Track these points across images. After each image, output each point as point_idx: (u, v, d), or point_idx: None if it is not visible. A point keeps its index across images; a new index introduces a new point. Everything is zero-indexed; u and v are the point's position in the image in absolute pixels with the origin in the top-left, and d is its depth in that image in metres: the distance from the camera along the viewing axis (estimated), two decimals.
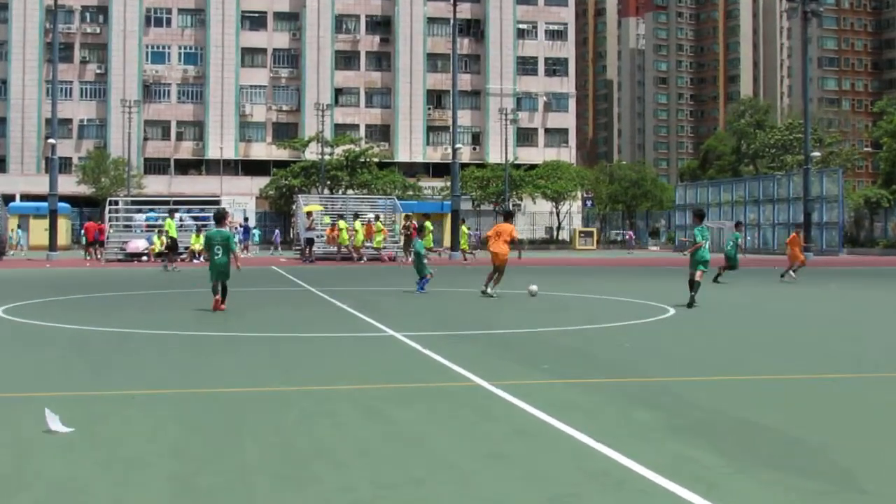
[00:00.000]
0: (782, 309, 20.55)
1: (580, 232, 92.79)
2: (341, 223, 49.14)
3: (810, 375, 10.88)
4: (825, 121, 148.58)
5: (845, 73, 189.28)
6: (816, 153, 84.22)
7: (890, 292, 26.88)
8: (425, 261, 25.25)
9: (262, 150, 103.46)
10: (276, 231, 75.38)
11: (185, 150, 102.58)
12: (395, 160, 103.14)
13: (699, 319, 17.93)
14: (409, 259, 48.56)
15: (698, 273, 20.56)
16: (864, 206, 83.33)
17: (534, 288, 23.21)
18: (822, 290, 27.20)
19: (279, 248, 67.04)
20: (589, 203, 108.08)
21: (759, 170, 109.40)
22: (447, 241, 59.93)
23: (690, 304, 19.94)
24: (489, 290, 23.11)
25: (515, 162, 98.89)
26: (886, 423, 8.25)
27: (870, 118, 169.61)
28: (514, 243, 23.89)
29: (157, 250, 46.71)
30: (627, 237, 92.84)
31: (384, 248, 50.10)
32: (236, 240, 56.15)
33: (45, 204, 61.04)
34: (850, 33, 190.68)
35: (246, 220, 66.14)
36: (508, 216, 24.86)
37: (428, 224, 47.54)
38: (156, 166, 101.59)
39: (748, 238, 77.16)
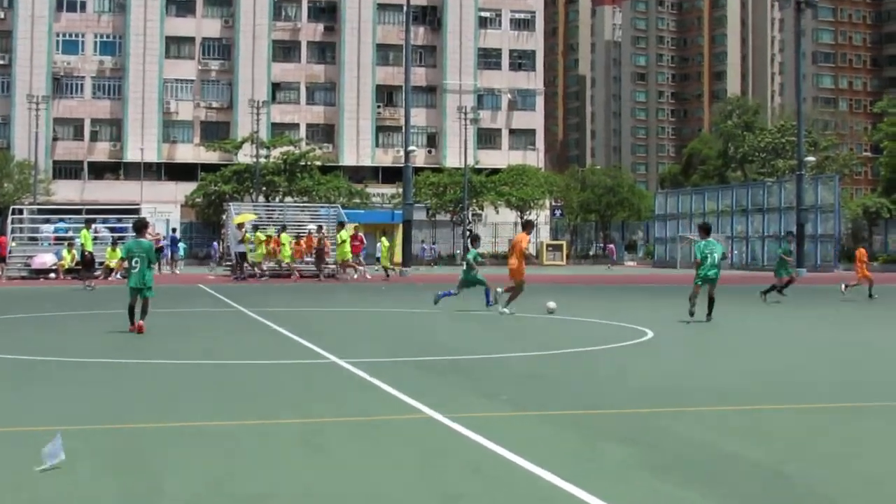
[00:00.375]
0: (768, 332, 20.77)
1: (548, 245, 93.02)
2: (257, 236, 48.64)
3: (796, 405, 11.01)
4: (820, 122, 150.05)
5: (842, 69, 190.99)
6: (810, 158, 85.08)
7: (883, 315, 27.20)
8: (475, 273, 26.35)
9: (189, 153, 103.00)
10: (214, 244, 74.88)
11: (101, 152, 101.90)
12: (340, 164, 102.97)
13: (679, 344, 18.09)
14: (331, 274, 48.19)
15: (694, 287, 22.52)
16: (863, 217, 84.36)
17: (552, 305, 24.32)
18: (816, 311, 27.50)
19: (215, 264, 66.45)
20: (558, 213, 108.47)
21: (748, 176, 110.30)
22: (397, 257, 59.87)
23: (708, 317, 22.23)
24: (503, 309, 24.19)
25: (476, 166, 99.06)
26: (876, 457, 8.38)
27: (869, 119, 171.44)
28: (527, 258, 25.77)
29: (66, 266, 46.26)
30: (608, 251, 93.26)
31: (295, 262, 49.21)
32: (164, 254, 55.60)
33: None
34: (847, 26, 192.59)
35: (174, 230, 65.74)
36: (525, 226, 26.42)
37: (343, 234, 46.67)
38: (67, 170, 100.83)
39: (734, 252, 77.82)
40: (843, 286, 32.88)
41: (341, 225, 48.11)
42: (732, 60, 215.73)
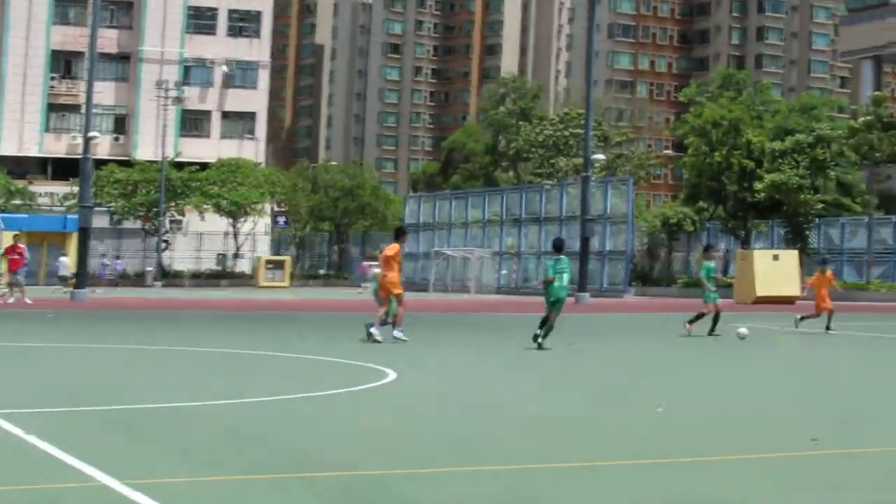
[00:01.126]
0: (538, 373, 21.33)
1: (267, 262, 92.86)
2: None
3: (573, 464, 11.30)
4: (614, 111, 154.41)
5: (644, 46, 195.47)
6: (600, 156, 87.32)
7: (678, 352, 28.30)
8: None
9: None
10: None
11: None
12: None
13: (427, 387, 18.41)
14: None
15: (552, 316, 25.27)
16: (661, 230, 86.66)
17: (743, 331, 27.80)
18: (604, 347, 28.39)
19: None
20: (281, 221, 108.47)
21: (522, 177, 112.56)
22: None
23: (536, 341, 24.93)
24: (396, 334, 26.77)
25: (177, 159, 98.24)
26: None
27: (673, 109, 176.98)
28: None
29: None
30: (360, 269, 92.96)
31: None
32: None
33: None
34: None
35: None
36: (398, 234, 28.65)
37: None
38: None
39: (503, 271, 79.40)
40: (798, 317, 34.20)
41: None
42: (510, 31, 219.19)
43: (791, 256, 66.58)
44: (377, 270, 28.76)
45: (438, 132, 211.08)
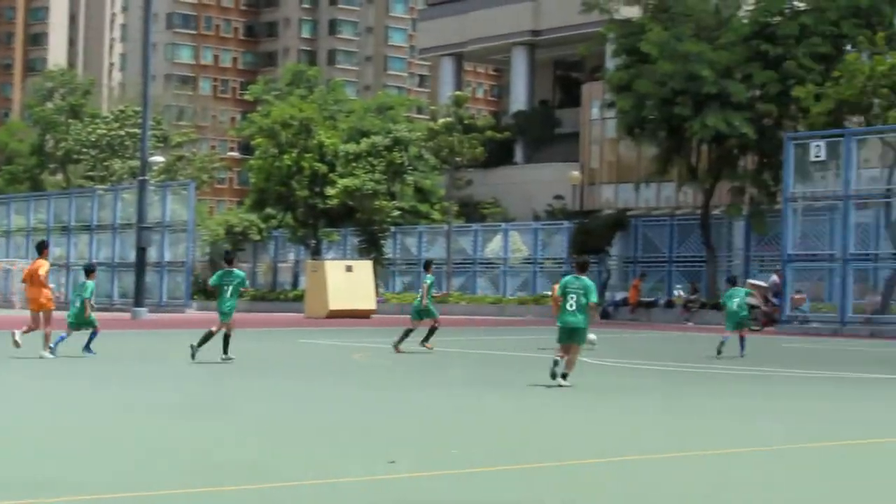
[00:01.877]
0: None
1: None
2: None
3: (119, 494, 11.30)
4: (174, 109, 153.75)
5: (206, 39, 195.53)
6: (159, 158, 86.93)
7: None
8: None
9: None
10: None
11: None
12: None
13: None
14: None
15: (218, 326, 29.39)
16: (226, 239, 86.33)
17: (592, 337, 30.02)
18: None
19: None
20: None
21: (73, 181, 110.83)
22: None
23: (225, 356, 28.76)
24: (45, 354, 28.56)
25: None
26: None
27: (239, 108, 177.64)
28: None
29: None
30: None
31: None
32: None
33: None
34: None
35: None
36: (43, 248, 29.75)
37: None
38: None
39: (52, 285, 77.84)
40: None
41: None
42: (56, 20, 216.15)
43: (365, 267, 67.49)
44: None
45: None
